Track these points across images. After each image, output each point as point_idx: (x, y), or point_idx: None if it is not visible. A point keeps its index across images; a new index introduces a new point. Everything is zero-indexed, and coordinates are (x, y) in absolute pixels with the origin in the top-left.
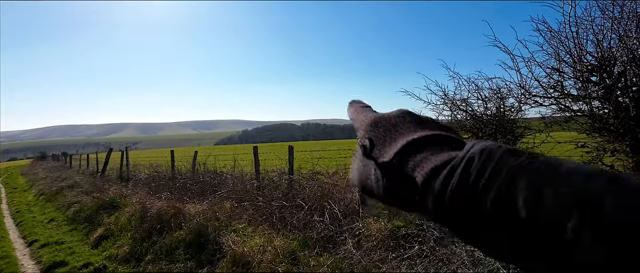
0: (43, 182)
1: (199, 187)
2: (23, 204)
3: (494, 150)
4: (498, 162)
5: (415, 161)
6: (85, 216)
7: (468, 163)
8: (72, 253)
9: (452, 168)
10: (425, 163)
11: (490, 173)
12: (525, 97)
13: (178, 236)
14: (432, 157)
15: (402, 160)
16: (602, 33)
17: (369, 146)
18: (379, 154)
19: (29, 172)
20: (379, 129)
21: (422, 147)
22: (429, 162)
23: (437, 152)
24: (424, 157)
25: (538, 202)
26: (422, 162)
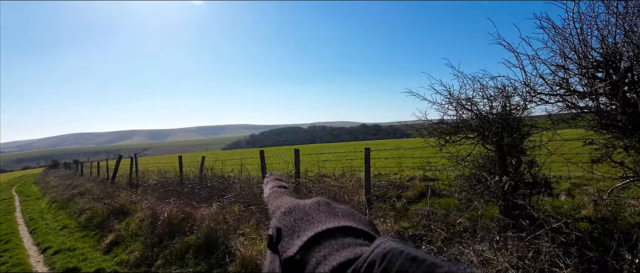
0: (55, 189)
1: (207, 192)
2: (36, 212)
3: (395, 257)
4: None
5: (319, 257)
6: (96, 222)
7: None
8: (85, 260)
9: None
10: (328, 261)
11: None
12: (531, 95)
13: (188, 240)
14: (335, 253)
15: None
16: (606, 29)
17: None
18: (286, 247)
19: (42, 180)
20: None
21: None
22: (332, 259)
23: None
24: (328, 254)
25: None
26: (325, 258)
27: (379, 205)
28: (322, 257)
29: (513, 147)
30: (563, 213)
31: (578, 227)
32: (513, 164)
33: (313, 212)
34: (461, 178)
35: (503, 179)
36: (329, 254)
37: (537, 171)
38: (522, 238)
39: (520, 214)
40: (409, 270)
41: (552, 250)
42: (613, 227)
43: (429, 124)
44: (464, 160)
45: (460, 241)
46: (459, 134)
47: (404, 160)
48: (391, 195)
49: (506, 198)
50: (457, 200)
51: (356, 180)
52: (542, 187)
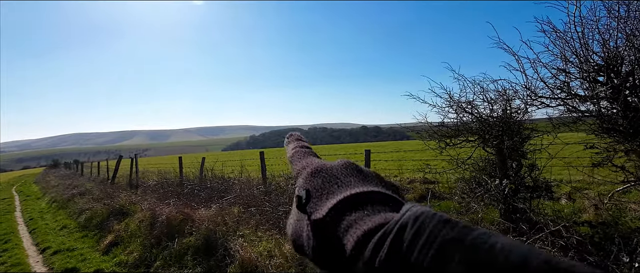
0: (55, 189)
1: (207, 193)
2: (36, 212)
3: (428, 219)
4: (430, 233)
5: (349, 221)
6: (96, 223)
7: (400, 231)
8: (84, 260)
9: (384, 234)
10: (359, 225)
11: (422, 244)
12: (532, 99)
13: (187, 242)
14: (366, 218)
15: (335, 219)
16: (608, 33)
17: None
18: (314, 208)
19: (42, 180)
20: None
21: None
22: (363, 223)
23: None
24: (358, 218)
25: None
26: (356, 223)
27: None
28: (352, 220)
29: (514, 150)
30: (563, 217)
31: (579, 232)
32: (513, 167)
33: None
34: (461, 181)
35: (503, 182)
36: (359, 218)
37: (538, 174)
38: (523, 242)
39: (521, 218)
40: (442, 232)
41: (552, 254)
42: (614, 232)
43: (430, 126)
44: (465, 163)
45: None
46: (459, 137)
47: (404, 162)
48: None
49: (507, 201)
50: (457, 204)
51: None
52: (543, 190)
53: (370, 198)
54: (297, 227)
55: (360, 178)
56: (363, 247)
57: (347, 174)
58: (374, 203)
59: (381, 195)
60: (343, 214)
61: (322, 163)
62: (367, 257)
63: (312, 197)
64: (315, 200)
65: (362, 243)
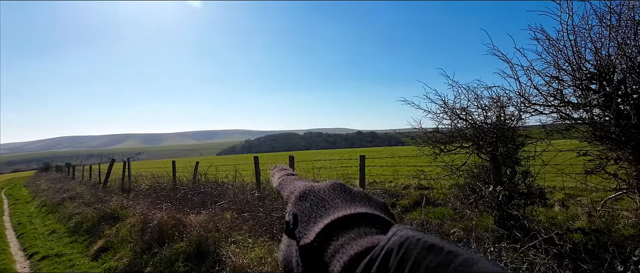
0: (45, 193)
1: (200, 198)
2: (25, 216)
3: (412, 245)
4: (415, 261)
5: (336, 246)
6: (86, 228)
7: (386, 257)
8: (72, 266)
9: (370, 260)
10: (345, 250)
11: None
12: (525, 106)
13: (178, 248)
14: (353, 242)
15: (323, 243)
16: (600, 41)
17: (293, 223)
18: (303, 233)
19: (32, 184)
20: (306, 203)
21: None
22: (350, 248)
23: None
24: (345, 242)
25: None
26: (343, 247)
27: None
28: (339, 245)
29: (507, 157)
30: (557, 224)
31: (572, 239)
32: (507, 174)
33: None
34: (456, 187)
35: (497, 189)
36: (346, 242)
37: (532, 181)
38: (516, 250)
39: (514, 225)
40: (427, 259)
41: (546, 262)
42: (607, 239)
43: (424, 132)
44: (459, 169)
45: None
46: (453, 143)
47: (399, 168)
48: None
49: (500, 208)
50: (451, 210)
51: None
52: (537, 197)
53: (358, 220)
54: (287, 252)
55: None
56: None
57: (335, 196)
58: (361, 225)
59: (369, 217)
60: (330, 238)
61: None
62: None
63: (300, 222)
64: (303, 224)
65: (349, 268)
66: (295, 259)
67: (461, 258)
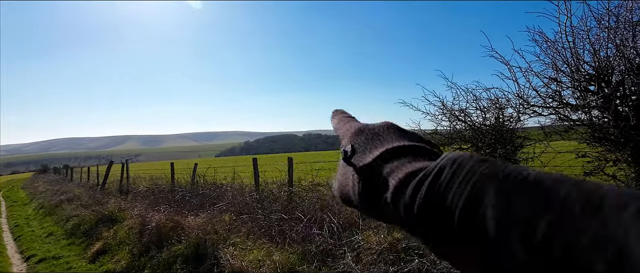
0: (43, 195)
1: (198, 200)
2: (22, 218)
3: (465, 160)
4: (468, 172)
5: (391, 167)
6: (83, 230)
7: (439, 172)
8: (69, 269)
9: (423, 176)
10: (400, 170)
11: (461, 181)
12: (524, 107)
13: (176, 250)
14: (407, 164)
15: (379, 166)
16: (598, 43)
17: (351, 152)
18: (359, 160)
19: (30, 186)
20: (362, 137)
21: (401, 155)
22: (404, 168)
23: (413, 161)
24: (400, 164)
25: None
26: (398, 168)
27: None
28: (394, 166)
29: (506, 158)
30: None
31: None
32: None
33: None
34: None
35: None
36: (401, 164)
37: None
38: None
39: None
40: (481, 167)
41: None
42: None
43: (423, 134)
44: None
45: None
46: (452, 145)
47: None
48: None
49: None
50: None
51: None
52: None
53: (411, 150)
54: (342, 179)
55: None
56: (404, 187)
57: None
58: (414, 154)
59: (421, 148)
60: (386, 161)
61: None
62: (407, 196)
63: (356, 152)
64: (359, 154)
65: (403, 184)
66: (351, 182)
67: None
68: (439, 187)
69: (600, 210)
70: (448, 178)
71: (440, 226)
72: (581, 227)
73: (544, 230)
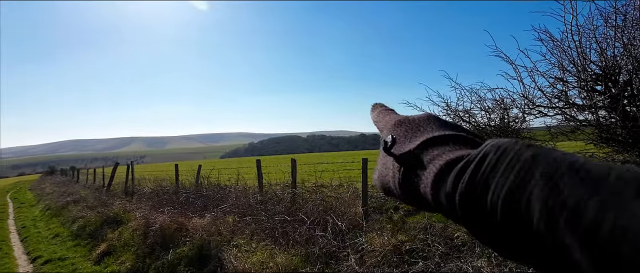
0: (50, 197)
1: (202, 201)
2: (29, 219)
3: (510, 146)
4: (513, 158)
5: (432, 155)
6: (89, 231)
7: (482, 159)
8: (75, 270)
9: (466, 162)
10: (441, 157)
11: (505, 167)
12: (529, 108)
13: (180, 252)
14: (449, 152)
15: (419, 154)
16: (605, 42)
17: (391, 143)
18: (399, 150)
19: (37, 187)
20: (402, 128)
21: (442, 144)
22: (445, 155)
23: (454, 149)
24: (441, 152)
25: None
26: (438, 156)
27: (376, 217)
28: (435, 154)
29: None
30: None
31: None
32: None
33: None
34: None
35: None
36: (442, 152)
37: None
38: None
39: None
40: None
41: None
42: None
43: None
44: None
45: (459, 256)
46: None
47: None
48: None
49: None
50: None
51: (353, 190)
52: None
53: (451, 139)
54: (382, 170)
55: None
56: (446, 175)
57: (428, 123)
58: (457, 142)
59: (462, 137)
60: (426, 150)
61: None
62: (449, 184)
63: (397, 142)
64: (399, 144)
65: (445, 171)
66: (392, 172)
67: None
68: (482, 173)
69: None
70: (492, 164)
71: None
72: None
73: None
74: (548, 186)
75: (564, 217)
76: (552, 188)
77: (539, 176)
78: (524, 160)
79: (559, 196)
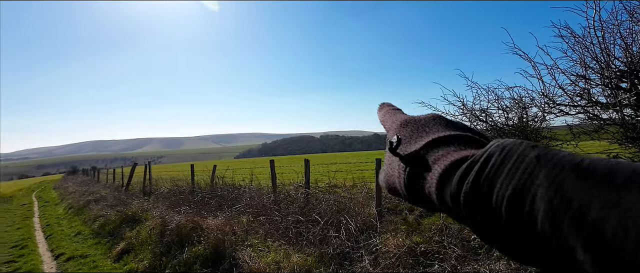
0: (72, 196)
1: (217, 201)
2: (53, 218)
3: (515, 146)
4: (518, 158)
5: (437, 155)
6: (109, 230)
7: (487, 159)
8: (95, 267)
9: (471, 163)
10: (446, 158)
11: (510, 167)
12: (550, 106)
13: (196, 251)
14: (454, 152)
15: (424, 154)
16: (630, 37)
17: (397, 143)
18: (404, 150)
19: (60, 186)
20: (408, 128)
21: (447, 144)
22: (450, 156)
23: (459, 149)
24: (446, 152)
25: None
26: (444, 156)
27: (390, 218)
28: (440, 154)
29: None
30: None
31: None
32: None
33: (428, 124)
34: None
35: None
36: (447, 152)
37: None
38: None
39: None
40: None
41: None
42: None
43: None
44: None
45: (476, 259)
46: None
47: None
48: (403, 208)
49: None
50: None
51: (367, 191)
52: None
53: (456, 139)
54: (388, 170)
55: (446, 125)
56: (450, 175)
57: (434, 123)
58: (460, 143)
59: (467, 137)
60: (431, 150)
61: (410, 116)
62: (454, 183)
63: (402, 143)
64: (404, 145)
65: (450, 171)
66: (397, 172)
67: (565, 152)
68: (487, 174)
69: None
70: (497, 164)
71: (488, 213)
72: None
73: (596, 214)
74: (552, 187)
75: (568, 217)
76: (556, 189)
77: (544, 177)
78: (528, 160)
79: (563, 197)
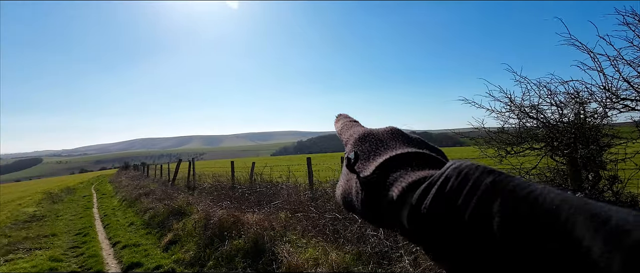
0: (125, 189)
1: (256, 197)
2: (109, 209)
3: (472, 170)
4: (475, 180)
5: (395, 176)
6: (157, 221)
7: (444, 182)
8: (147, 256)
9: (428, 185)
10: (403, 179)
11: (468, 191)
12: (612, 101)
13: (237, 244)
14: (411, 173)
15: (381, 175)
16: None
17: (354, 159)
18: (362, 168)
19: (115, 180)
20: (366, 143)
21: (404, 164)
22: (407, 177)
23: (416, 170)
24: (403, 173)
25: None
26: (401, 177)
27: None
28: (397, 175)
29: (590, 160)
30: None
31: None
32: (590, 179)
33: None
34: None
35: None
36: (404, 173)
37: (621, 188)
38: None
39: None
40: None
41: None
42: None
43: (487, 133)
44: (529, 173)
45: None
46: (522, 145)
47: None
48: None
49: None
50: None
51: None
52: (627, 207)
53: (414, 158)
54: (346, 186)
55: (404, 142)
56: (407, 196)
57: (392, 138)
58: (418, 162)
59: (425, 156)
60: (389, 171)
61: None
62: (411, 206)
63: (360, 159)
64: (363, 161)
65: (407, 192)
66: (355, 190)
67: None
68: (444, 197)
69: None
70: (454, 188)
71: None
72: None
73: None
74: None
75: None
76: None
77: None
78: (484, 187)
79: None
